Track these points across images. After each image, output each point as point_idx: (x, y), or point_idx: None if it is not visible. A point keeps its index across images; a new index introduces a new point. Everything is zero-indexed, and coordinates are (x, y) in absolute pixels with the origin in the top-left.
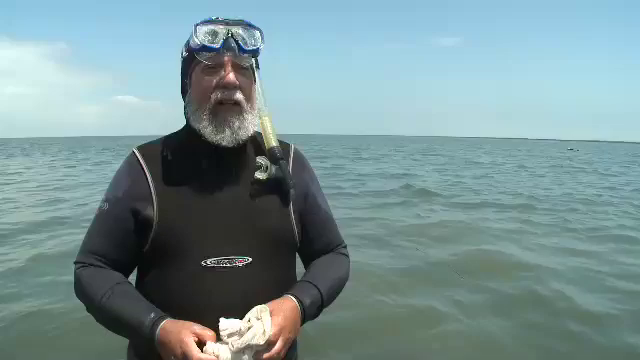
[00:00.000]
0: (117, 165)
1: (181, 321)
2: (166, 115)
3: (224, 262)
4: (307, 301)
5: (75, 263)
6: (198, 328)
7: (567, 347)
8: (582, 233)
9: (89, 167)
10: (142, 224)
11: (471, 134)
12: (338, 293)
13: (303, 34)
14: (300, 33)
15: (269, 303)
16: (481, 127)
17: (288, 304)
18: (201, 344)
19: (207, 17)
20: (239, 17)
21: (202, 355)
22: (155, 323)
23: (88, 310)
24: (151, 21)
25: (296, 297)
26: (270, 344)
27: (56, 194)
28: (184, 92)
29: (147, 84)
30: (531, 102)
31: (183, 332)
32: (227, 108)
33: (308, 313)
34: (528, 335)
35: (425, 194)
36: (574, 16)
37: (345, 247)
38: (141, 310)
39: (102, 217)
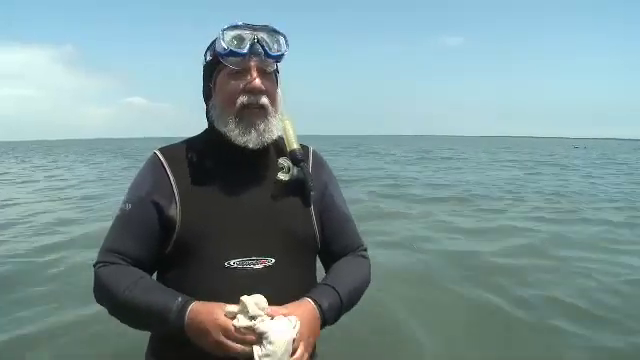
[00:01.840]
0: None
1: (210, 303)
2: (174, 118)
3: (247, 263)
4: (325, 304)
5: (95, 265)
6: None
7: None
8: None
9: None
10: (165, 225)
11: (475, 133)
12: (359, 297)
13: (303, 35)
14: (300, 34)
15: (286, 305)
16: (485, 126)
17: (305, 307)
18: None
19: (232, 22)
20: (264, 23)
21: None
22: (184, 306)
23: (111, 310)
24: (155, 21)
25: (314, 300)
26: (293, 351)
27: None
28: (207, 96)
29: (156, 86)
30: (537, 100)
31: (216, 312)
32: (252, 112)
33: (327, 317)
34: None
35: None
36: (575, 15)
37: (365, 250)
38: (167, 296)
39: (124, 218)
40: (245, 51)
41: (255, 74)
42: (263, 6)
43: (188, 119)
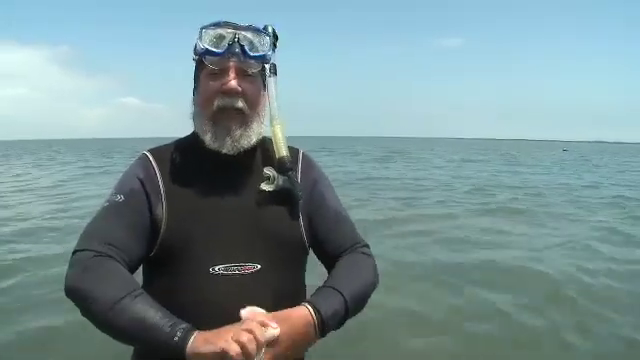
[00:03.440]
0: None
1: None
2: (170, 117)
3: (233, 269)
4: (325, 309)
5: (80, 251)
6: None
7: None
8: None
9: None
10: (152, 223)
11: (472, 135)
12: (367, 297)
13: (302, 35)
14: (299, 34)
15: (276, 313)
16: (482, 128)
17: (297, 313)
18: None
19: (215, 20)
20: (248, 22)
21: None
22: (185, 336)
23: (90, 310)
24: (151, 24)
25: (312, 306)
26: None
27: None
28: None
29: (152, 87)
30: (534, 103)
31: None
32: (228, 115)
33: (329, 323)
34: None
35: None
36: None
37: (366, 246)
38: (167, 322)
39: (114, 208)
40: (221, 50)
41: (233, 75)
42: (262, 9)
43: (185, 120)
